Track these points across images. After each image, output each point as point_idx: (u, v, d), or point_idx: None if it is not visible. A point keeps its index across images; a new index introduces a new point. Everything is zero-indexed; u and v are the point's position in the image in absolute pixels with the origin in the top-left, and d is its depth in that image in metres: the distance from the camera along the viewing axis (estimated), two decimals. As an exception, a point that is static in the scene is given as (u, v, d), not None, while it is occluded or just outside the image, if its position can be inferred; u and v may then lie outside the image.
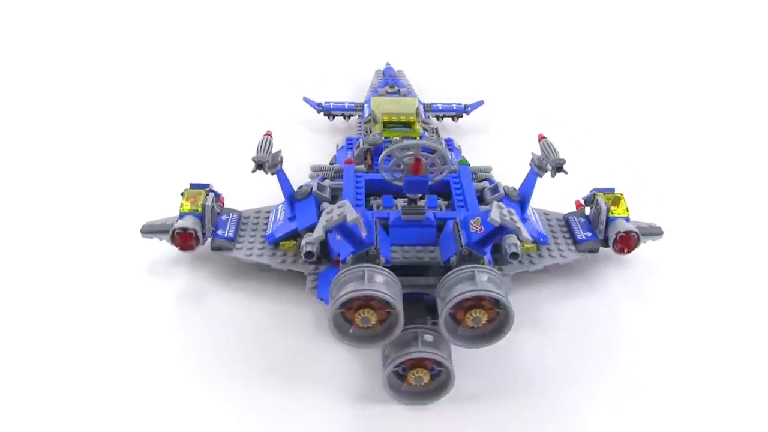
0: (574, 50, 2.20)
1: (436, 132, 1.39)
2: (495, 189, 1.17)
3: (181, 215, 1.14)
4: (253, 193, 1.28)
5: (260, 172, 1.10)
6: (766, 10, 2.49)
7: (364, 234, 0.92)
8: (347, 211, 0.87)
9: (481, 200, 1.17)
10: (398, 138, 1.34)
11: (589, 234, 1.19)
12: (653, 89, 2.01)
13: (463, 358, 0.99)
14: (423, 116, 1.55)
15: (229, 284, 1.18)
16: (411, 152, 0.99)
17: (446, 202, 1.14)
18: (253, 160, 1.10)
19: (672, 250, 1.28)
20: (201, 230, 1.13)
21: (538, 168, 1.14)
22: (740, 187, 1.54)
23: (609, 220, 1.18)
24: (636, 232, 1.15)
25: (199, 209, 1.13)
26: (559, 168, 1.13)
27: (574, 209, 1.25)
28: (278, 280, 1.16)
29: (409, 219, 1.04)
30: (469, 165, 1.22)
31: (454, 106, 1.67)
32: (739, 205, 1.47)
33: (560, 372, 1.04)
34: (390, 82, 1.72)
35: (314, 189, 1.14)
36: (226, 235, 1.15)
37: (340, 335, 0.90)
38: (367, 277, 0.88)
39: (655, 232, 1.22)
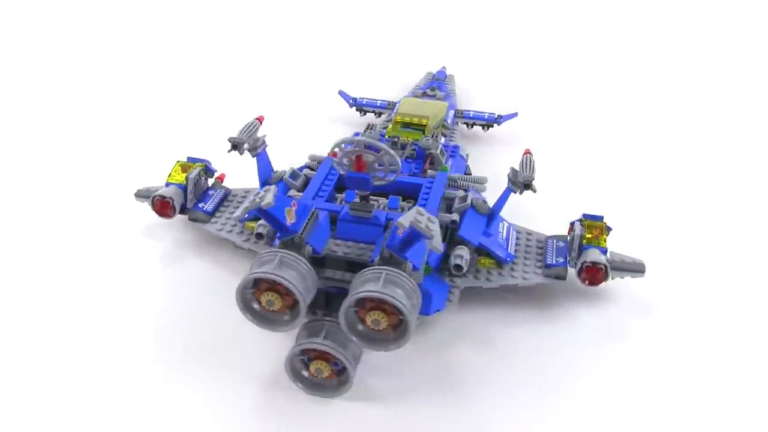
0: (625, 79, 2.05)
1: (437, 137, 1.37)
2: (464, 198, 1.14)
3: (167, 184, 1.23)
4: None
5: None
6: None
7: (290, 221, 0.95)
8: (266, 196, 0.90)
9: (450, 208, 1.15)
10: (403, 138, 1.34)
11: (561, 260, 1.13)
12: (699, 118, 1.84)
13: (396, 361, 1.03)
14: (449, 122, 1.54)
15: (204, 252, 1.26)
16: (356, 148, 1.00)
17: (409, 204, 1.13)
18: (229, 140, 1.16)
19: (662, 291, 1.18)
20: (181, 200, 1.21)
21: (512, 183, 1.11)
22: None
23: (582, 248, 1.11)
24: (604, 266, 1.08)
25: (184, 181, 1.22)
26: (527, 185, 1.09)
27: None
28: (249, 256, 1.22)
29: (355, 215, 1.05)
30: (450, 172, 1.21)
31: (486, 115, 1.63)
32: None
33: (485, 388, 1.01)
34: (433, 84, 1.72)
35: (286, 176, 1.18)
36: (205, 208, 1.23)
37: (245, 310, 0.93)
38: (278, 262, 0.91)
39: (635, 268, 1.13)
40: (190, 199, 1.22)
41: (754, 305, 1.18)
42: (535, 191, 1.09)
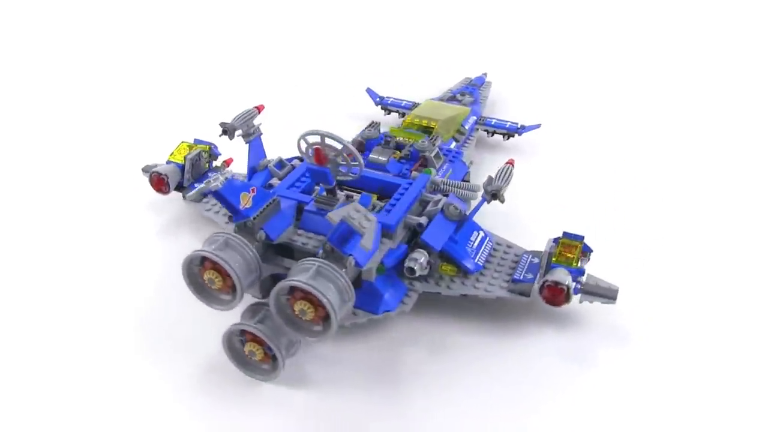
0: (657, 102, 1.91)
1: (435, 140, 1.35)
2: (437, 203, 1.13)
3: (167, 162, 1.30)
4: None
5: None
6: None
7: (244, 205, 0.98)
8: (217, 180, 0.94)
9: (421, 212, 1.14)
10: (404, 139, 1.34)
11: (530, 276, 1.09)
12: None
13: (340, 352, 1.06)
14: (467, 128, 1.52)
15: (200, 230, 1.32)
16: (317, 141, 1.02)
17: (382, 203, 1.13)
18: (220, 124, 1.21)
19: (638, 322, 1.11)
20: (177, 179, 1.27)
21: (484, 191, 1.08)
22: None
23: (550, 266, 1.07)
24: (566, 287, 1.03)
25: (183, 161, 1.28)
26: (494, 195, 1.06)
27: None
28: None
29: (320, 207, 1.07)
30: (431, 175, 1.19)
31: (508, 124, 1.59)
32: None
33: (422, 392, 1.01)
34: (465, 90, 1.70)
35: (271, 164, 1.22)
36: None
37: (189, 284, 0.97)
38: (222, 243, 0.94)
39: (607, 294, 1.06)
40: (187, 178, 1.29)
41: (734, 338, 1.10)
42: (502, 201, 1.07)
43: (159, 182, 1.26)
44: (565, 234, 1.12)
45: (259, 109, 1.28)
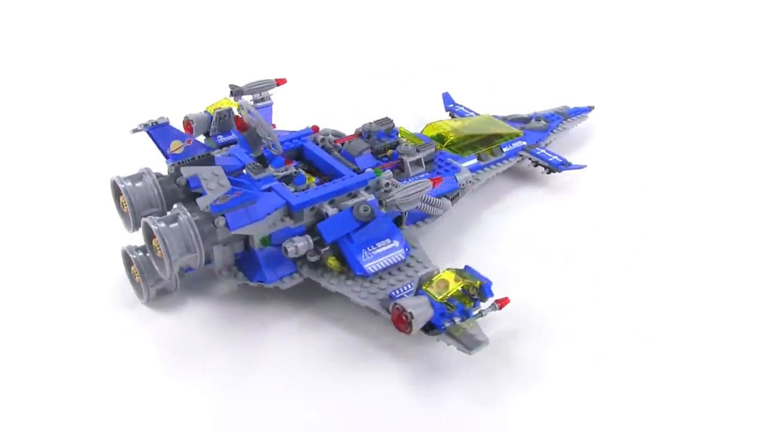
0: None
1: (425, 148, 1.31)
2: (354, 197, 1.15)
3: (204, 111, 1.49)
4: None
5: None
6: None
7: (171, 151, 1.13)
8: (158, 121, 1.11)
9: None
10: (407, 140, 1.35)
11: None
12: None
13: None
14: (506, 152, 1.45)
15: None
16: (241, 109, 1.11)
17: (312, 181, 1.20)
18: (230, 85, 1.34)
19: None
20: (204, 128, 1.44)
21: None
22: None
23: (419, 292, 1.01)
24: (408, 315, 0.97)
25: (212, 112, 1.46)
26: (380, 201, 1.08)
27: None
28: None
29: (247, 173, 1.16)
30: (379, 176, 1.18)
31: (551, 158, 1.45)
32: None
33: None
34: (548, 116, 1.61)
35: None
36: (218, 139, 1.44)
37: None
38: (134, 175, 1.12)
39: (465, 344, 0.97)
40: (212, 128, 1.46)
41: None
42: (387, 209, 1.06)
43: (187, 126, 1.46)
44: (467, 268, 1.04)
45: (279, 82, 1.39)
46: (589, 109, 1.71)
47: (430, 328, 1.01)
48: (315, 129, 1.35)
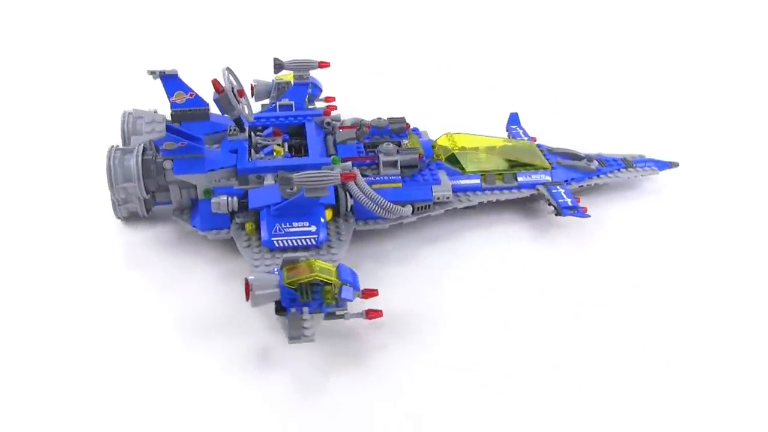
0: None
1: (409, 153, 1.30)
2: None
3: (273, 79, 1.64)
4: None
5: None
6: None
7: (174, 100, 1.29)
8: (172, 71, 1.29)
9: None
10: (408, 143, 1.35)
11: None
12: None
13: None
14: (519, 181, 1.36)
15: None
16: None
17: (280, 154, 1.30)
18: (275, 58, 1.47)
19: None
20: (265, 93, 1.59)
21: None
22: None
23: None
24: (250, 285, 1.02)
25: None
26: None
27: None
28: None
29: (229, 136, 1.29)
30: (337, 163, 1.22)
31: (561, 200, 1.30)
32: None
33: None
34: (609, 160, 1.46)
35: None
36: None
37: None
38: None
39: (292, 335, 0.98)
40: (272, 96, 1.59)
41: None
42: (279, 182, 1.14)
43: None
44: (339, 266, 1.05)
45: (322, 65, 1.49)
46: (670, 164, 1.48)
47: (281, 308, 1.05)
48: (327, 113, 1.42)
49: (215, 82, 1.26)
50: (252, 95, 1.63)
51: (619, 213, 1.40)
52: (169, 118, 1.31)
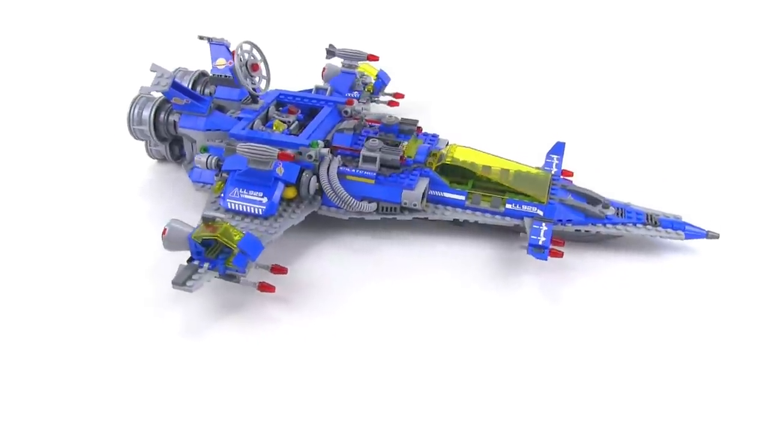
0: None
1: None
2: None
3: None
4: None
5: None
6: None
7: (215, 66, 1.44)
8: (223, 40, 1.45)
9: None
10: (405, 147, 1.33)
11: None
12: None
13: None
14: (506, 208, 1.26)
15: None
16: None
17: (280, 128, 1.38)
18: (330, 44, 1.53)
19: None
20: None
21: None
22: None
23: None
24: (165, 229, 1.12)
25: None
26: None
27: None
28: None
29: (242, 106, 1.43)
30: (318, 146, 1.28)
31: (537, 237, 1.16)
32: None
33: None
34: (625, 209, 1.28)
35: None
36: None
37: None
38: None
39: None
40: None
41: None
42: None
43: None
44: (246, 234, 1.11)
45: (371, 57, 1.52)
46: (707, 234, 1.23)
47: (191, 259, 1.14)
48: (349, 102, 1.45)
49: (233, 53, 1.38)
50: (322, 77, 1.73)
51: (609, 269, 1.25)
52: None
